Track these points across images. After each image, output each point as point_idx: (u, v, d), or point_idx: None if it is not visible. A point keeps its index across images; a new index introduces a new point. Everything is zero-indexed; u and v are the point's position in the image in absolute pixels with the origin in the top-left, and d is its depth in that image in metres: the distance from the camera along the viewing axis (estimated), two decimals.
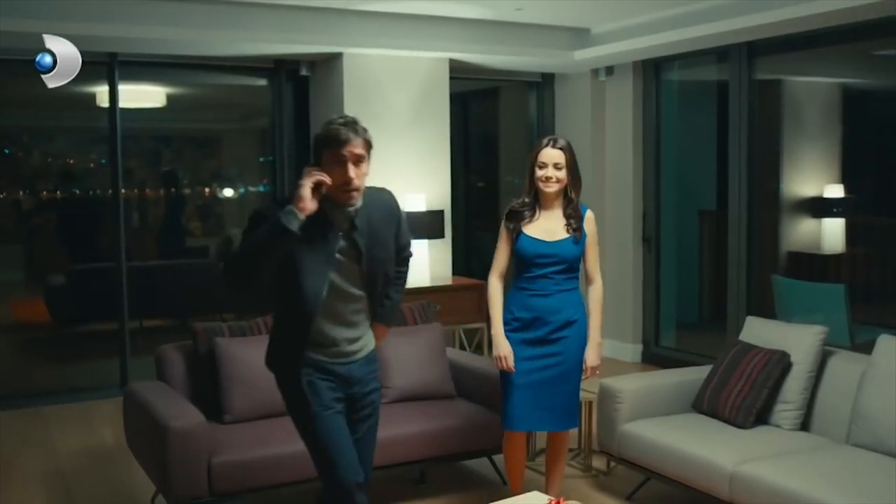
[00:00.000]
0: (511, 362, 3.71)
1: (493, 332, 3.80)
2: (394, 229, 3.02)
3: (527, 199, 3.77)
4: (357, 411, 3.04)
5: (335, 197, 2.79)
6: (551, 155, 3.68)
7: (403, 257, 3.17)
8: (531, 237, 3.72)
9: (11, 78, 6.40)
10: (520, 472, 3.97)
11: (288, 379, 2.97)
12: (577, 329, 3.75)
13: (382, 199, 3.02)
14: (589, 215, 3.78)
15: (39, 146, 7.54)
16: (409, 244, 3.20)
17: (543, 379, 3.72)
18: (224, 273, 2.79)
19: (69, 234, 7.29)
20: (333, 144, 2.75)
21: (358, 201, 2.83)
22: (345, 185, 2.76)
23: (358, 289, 2.93)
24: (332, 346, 2.93)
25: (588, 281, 3.84)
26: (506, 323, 3.77)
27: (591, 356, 3.78)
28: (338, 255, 2.85)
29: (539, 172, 3.70)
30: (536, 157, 3.72)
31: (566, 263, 3.71)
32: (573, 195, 3.74)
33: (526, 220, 3.75)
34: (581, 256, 3.76)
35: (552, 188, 3.70)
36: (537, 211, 3.76)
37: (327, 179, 2.73)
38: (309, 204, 2.69)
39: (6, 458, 5.05)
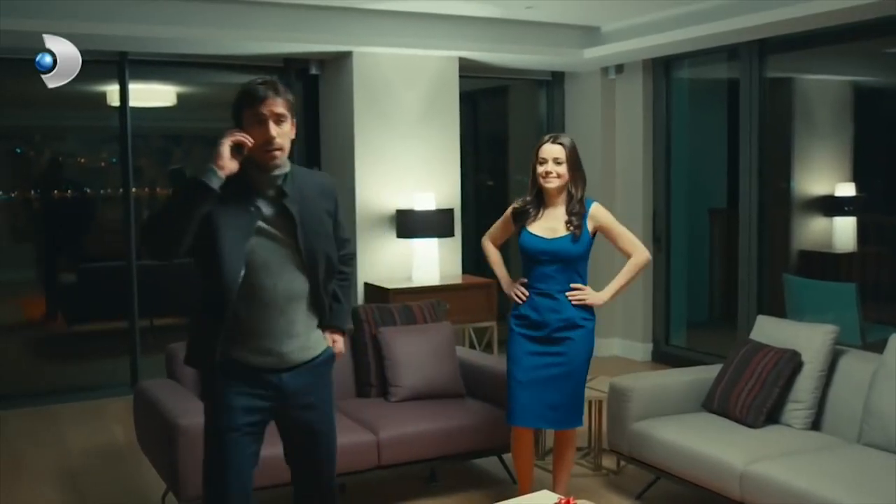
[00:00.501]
0: (523, 288, 3.79)
1: (501, 283, 3.98)
2: (330, 206, 2.86)
3: (528, 198, 3.81)
4: (292, 430, 2.86)
5: (258, 159, 2.66)
6: (551, 150, 3.72)
7: (345, 255, 2.99)
8: (532, 233, 3.76)
9: (25, 78, 6.38)
10: (528, 470, 3.97)
11: (203, 376, 2.76)
12: (581, 332, 3.75)
13: (314, 176, 2.93)
14: (593, 208, 3.78)
15: (51, 145, 7.57)
16: (348, 240, 3.02)
17: (546, 377, 3.73)
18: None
19: (80, 232, 7.31)
20: (252, 102, 2.63)
21: (283, 163, 2.71)
22: (266, 145, 2.63)
23: (296, 268, 2.72)
24: (260, 337, 2.69)
25: (628, 258, 3.84)
26: (513, 318, 3.82)
27: (596, 293, 3.76)
28: (266, 226, 2.68)
29: (539, 168, 3.74)
30: (537, 153, 3.75)
31: (564, 261, 3.72)
32: (574, 191, 3.75)
33: (530, 219, 3.78)
34: (583, 255, 3.76)
35: (553, 184, 3.72)
36: (542, 210, 3.79)
37: (248, 140, 2.61)
38: (228, 163, 2.58)
39: (17, 456, 5.07)
